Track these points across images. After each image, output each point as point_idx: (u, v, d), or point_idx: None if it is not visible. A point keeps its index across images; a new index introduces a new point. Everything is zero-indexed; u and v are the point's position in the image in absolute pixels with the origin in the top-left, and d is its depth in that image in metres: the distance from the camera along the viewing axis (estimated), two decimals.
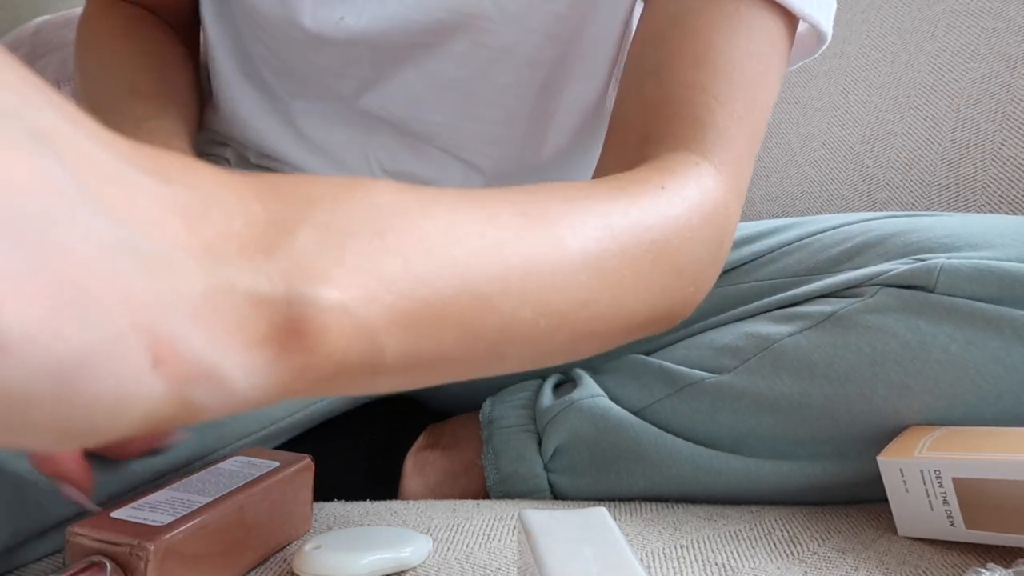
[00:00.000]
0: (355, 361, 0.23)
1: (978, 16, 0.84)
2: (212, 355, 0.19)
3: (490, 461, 0.55)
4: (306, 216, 0.23)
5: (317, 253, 0.22)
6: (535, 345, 0.30)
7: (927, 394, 0.46)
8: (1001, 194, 0.76)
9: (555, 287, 0.30)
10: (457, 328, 0.26)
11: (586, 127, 0.60)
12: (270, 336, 0.21)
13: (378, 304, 0.23)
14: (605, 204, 0.34)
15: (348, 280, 0.22)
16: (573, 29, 0.53)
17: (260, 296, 0.20)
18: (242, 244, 0.21)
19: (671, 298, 0.37)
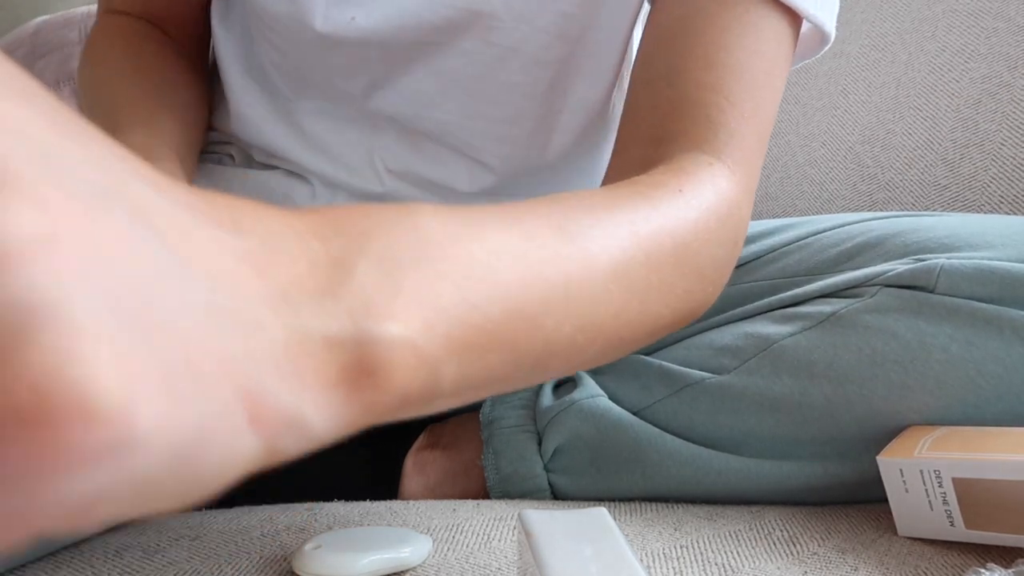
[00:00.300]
0: (417, 391, 0.23)
1: (978, 16, 0.84)
2: (295, 403, 0.19)
3: (490, 461, 0.55)
4: (363, 250, 0.23)
5: (378, 288, 0.22)
6: (573, 357, 0.31)
7: (927, 394, 0.46)
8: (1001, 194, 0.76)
9: (591, 301, 0.31)
10: (507, 350, 0.27)
11: (591, 127, 0.60)
12: (343, 377, 0.21)
13: (437, 334, 0.23)
14: (629, 212, 0.35)
15: (409, 313, 0.23)
16: (580, 29, 0.54)
17: (332, 338, 0.21)
18: (311, 287, 0.21)
19: (692, 299, 0.38)
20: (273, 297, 0.20)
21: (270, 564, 0.41)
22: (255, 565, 0.41)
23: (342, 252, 0.22)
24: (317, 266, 0.21)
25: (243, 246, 0.20)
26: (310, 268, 0.21)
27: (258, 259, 0.20)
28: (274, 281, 0.20)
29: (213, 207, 0.20)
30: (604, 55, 0.56)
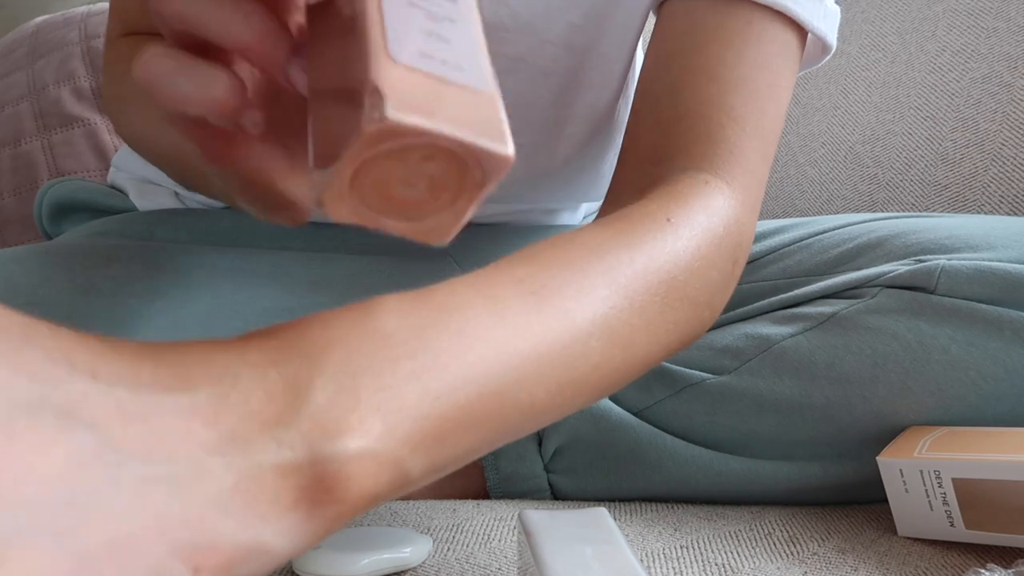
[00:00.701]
0: (385, 490, 0.25)
1: (978, 16, 0.84)
2: (250, 536, 0.21)
3: (490, 461, 0.55)
4: (320, 369, 0.24)
5: (333, 405, 0.24)
6: (555, 413, 0.32)
7: (927, 395, 0.46)
8: (1001, 194, 0.76)
9: (567, 362, 0.31)
10: (478, 429, 0.28)
11: (596, 136, 0.60)
12: (301, 499, 0.23)
13: (399, 435, 0.25)
14: (610, 258, 0.35)
15: (367, 423, 0.24)
16: (587, 40, 0.53)
17: (285, 466, 0.22)
18: (263, 420, 0.23)
19: (685, 328, 0.37)
20: (220, 442, 0.22)
21: None
22: None
23: (298, 375, 0.24)
24: (272, 396, 0.23)
25: (192, 401, 0.22)
26: (265, 399, 0.23)
27: (206, 410, 0.22)
28: (223, 426, 0.22)
29: (159, 370, 0.22)
30: (610, 65, 0.56)
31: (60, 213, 0.68)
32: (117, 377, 0.21)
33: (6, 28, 1.21)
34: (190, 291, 0.52)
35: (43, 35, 1.07)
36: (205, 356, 0.24)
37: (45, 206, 0.68)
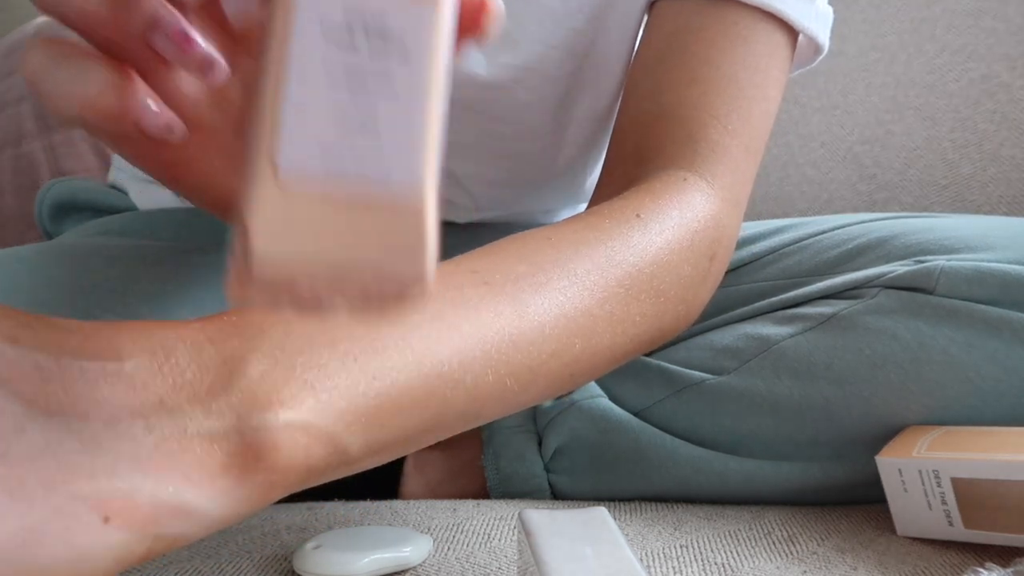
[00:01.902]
0: (321, 464, 0.26)
1: (978, 16, 0.84)
2: (171, 495, 0.23)
3: (490, 461, 0.55)
4: (256, 347, 0.25)
5: (266, 380, 0.25)
6: (510, 400, 0.32)
7: (927, 396, 0.46)
8: (1000, 194, 0.76)
9: (517, 347, 0.31)
10: (420, 410, 0.28)
11: (597, 137, 0.60)
12: (229, 464, 0.24)
13: (332, 411, 0.25)
14: (571, 251, 0.35)
15: (298, 397, 0.25)
16: (587, 44, 0.54)
17: (211, 433, 0.24)
18: (193, 391, 0.24)
19: (655, 323, 0.37)
20: (144, 408, 0.23)
21: (271, 563, 0.41)
22: (256, 564, 0.41)
23: (234, 351, 0.25)
24: (206, 370, 0.24)
25: (117, 368, 0.23)
26: (198, 373, 0.24)
27: (134, 378, 0.23)
28: (150, 393, 0.23)
29: (88, 342, 0.23)
30: (610, 67, 0.56)
31: (61, 213, 0.68)
32: (40, 343, 0.22)
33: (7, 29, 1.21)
34: (191, 291, 0.52)
35: (43, 36, 1.07)
36: (141, 332, 0.24)
37: (46, 206, 0.68)
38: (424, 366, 0.28)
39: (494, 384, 0.30)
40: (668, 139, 0.43)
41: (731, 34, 0.44)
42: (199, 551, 0.43)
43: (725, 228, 0.42)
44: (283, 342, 0.26)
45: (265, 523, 0.47)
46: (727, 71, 0.43)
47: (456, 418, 0.30)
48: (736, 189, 0.43)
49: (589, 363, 0.35)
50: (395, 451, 0.29)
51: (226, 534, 0.45)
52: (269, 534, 0.45)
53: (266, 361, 0.25)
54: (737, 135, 0.43)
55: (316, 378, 0.26)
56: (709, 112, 0.43)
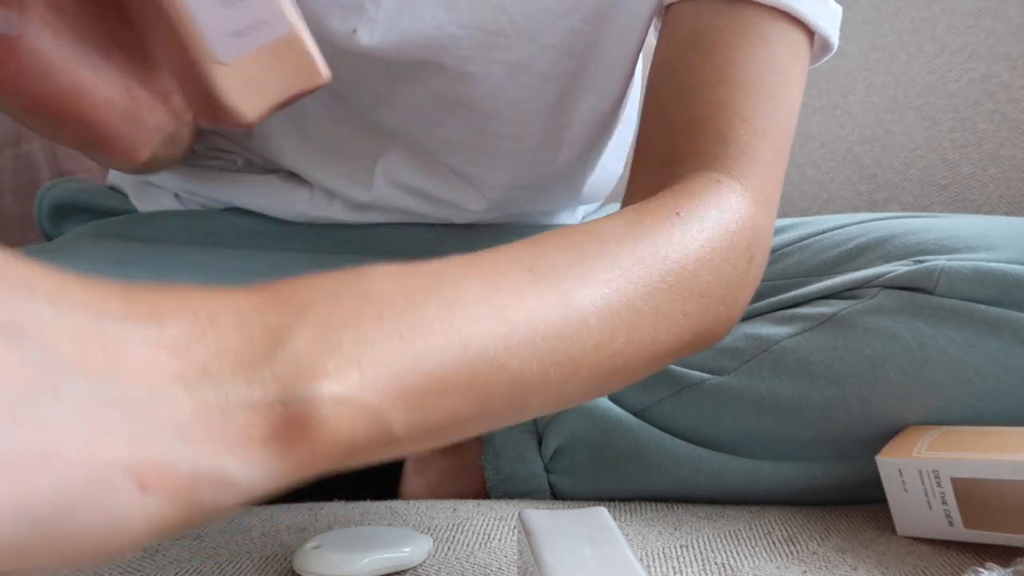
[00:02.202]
0: (364, 440, 0.25)
1: (978, 16, 0.84)
2: (211, 464, 0.22)
3: (490, 461, 0.55)
4: (302, 318, 0.25)
5: (311, 351, 0.24)
6: (553, 392, 0.31)
7: (927, 396, 0.46)
8: (1000, 194, 0.76)
9: (563, 337, 0.31)
10: (465, 393, 0.28)
11: (597, 138, 0.60)
12: (271, 436, 0.23)
13: (378, 386, 0.25)
14: (614, 245, 0.35)
15: (344, 370, 0.25)
16: (587, 44, 0.53)
17: (255, 403, 0.23)
18: (236, 359, 0.23)
19: (698, 322, 0.37)
20: (186, 374, 0.22)
21: (271, 563, 0.41)
22: (256, 564, 0.41)
23: (280, 322, 0.25)
24: (250, 339, 0.24)
25: (162, 335, 0.23)
26: (243, 342, 0.24)
27: (176, 344, 0.23)
28: (192, 360, 0.23)
29: (130, 305, 0.23)
30: (612, 70, 0.56)
31: (60, 214, 0.68)
32: (79, 305, 0.22)
33: None
34: None
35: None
36: (184, 297, 0.24)
37: (45, 207, 0.68)
38: (470, 348, 0.28)
39: (538, 373, 0.30)
40: (698, 141, 0.43)
41: (751, 34, 0.44)
42: (199, 551, 0.43)
43: (761, 229, 0.41)
44: (329, 314, 0.26)
45: (265, 523, 0.47)
46: (752, 72, 0.43)
47: (502, 407, 0.30)
48: (768, 190, 0.43)
49: (633, 359, 0.34)
50: (439, 436, 0.28)
51: (226, 534, 0.45)
52: (269, 534, 0.45)
53: (311, 332, 0.25)
54: (765, 136, 0.43)
55: (362, 353, 0.25)
56: (737, 113, 0.42)
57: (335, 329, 0.25)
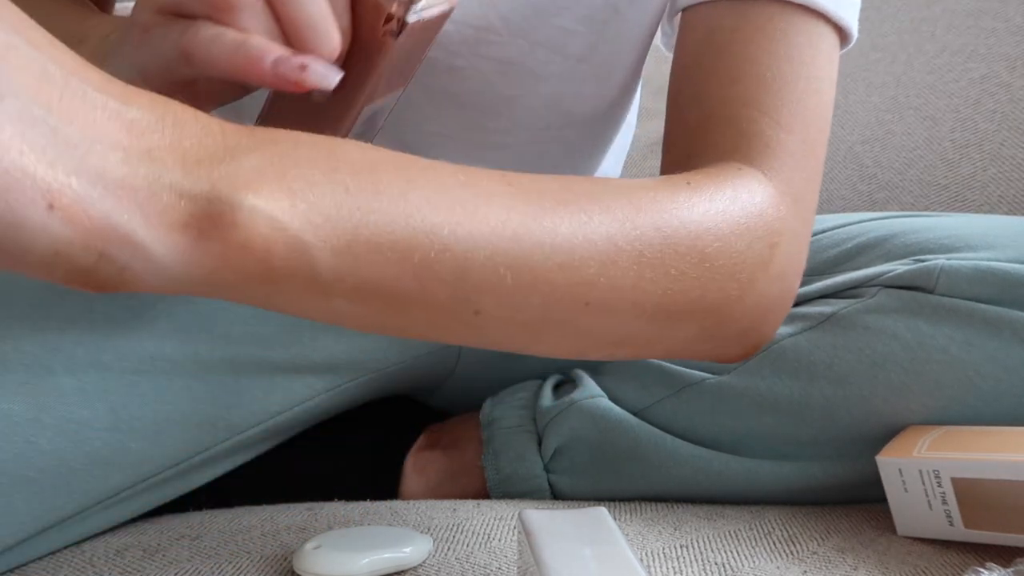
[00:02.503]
0: (282, 266, 0.27)
1: (978, 16, 0.84)
2: (126, 222, 0.25)
3: (490, 461, 0.55)
4: (261, 148, 0.27)
5: (255, 172, 0.27)
6: (506, 297, 0.32)
7: (927, 395, 0.46)
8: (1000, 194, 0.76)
9: (518, 239, 0.31)
10: (401, 260, 0.29)
11: (589, 139, 0.60)
12: (190, 224, 0.26)
13: (306, 220, 0.27)
14: (611, 189, 0.35)
15: (276, 194, 0.27)
16: (583, 47, 0.53)
17: (182, 191, 0.26)
18: (185, 156, 0.26)
19: (695, 286, 0.36)
20: (132, 149, 0.25)
21: (271, 563, 0.41)
22: (256, 564, 0.41)
23: (239, 143, 0.27)
24: (205, 147, 0.26)
25: (124, 113, 0.25)
26: (196, 145, 0.26)
27: (136, 124, 0.25)
28: (144, 142, 0.25)
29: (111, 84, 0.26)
30: (611, 74, 0.55)
31: None
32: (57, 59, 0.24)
33: None
34: None
35: None
36: (162, 100, 0.27)
37: None
38: (413, 219, 0.29)
39: (487, 269, 0.31)
40: (719, 137, 0.42)
41: (768, 29, 0.43)
42: (199, 551, 0.43)
43: (786, 220, 0.40)
44: (287, 153, 0.28)
45: (265, 523, 0.47)
46: (770, 66, 0.42)
47: (447, 294, 0.31)
48: (797, 184, 0.41)
49: (607, 297, 0.34)
50: (371, 300, 0.30)
51: (226, 534, 0.45)
52: (269, 534, 0.45)
53: (263, 159, 0.27)
54: (791, 130, 0.42)
55: (301, 188, 0.27)
56: (758, 109, 0.41)
57: (286, 164, 0.28)
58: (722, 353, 0.41)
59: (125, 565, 0.41)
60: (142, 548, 0.43)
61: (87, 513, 0.44)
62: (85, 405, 0.42)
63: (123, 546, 0.44)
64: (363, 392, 0.56)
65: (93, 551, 0.44)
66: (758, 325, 0.40)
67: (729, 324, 0.38)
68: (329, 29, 0.33)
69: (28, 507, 0.41)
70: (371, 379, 0.56)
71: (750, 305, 0.38)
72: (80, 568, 0.42)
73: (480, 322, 0.32)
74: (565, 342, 0.35)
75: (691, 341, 0.38)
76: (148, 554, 0.43)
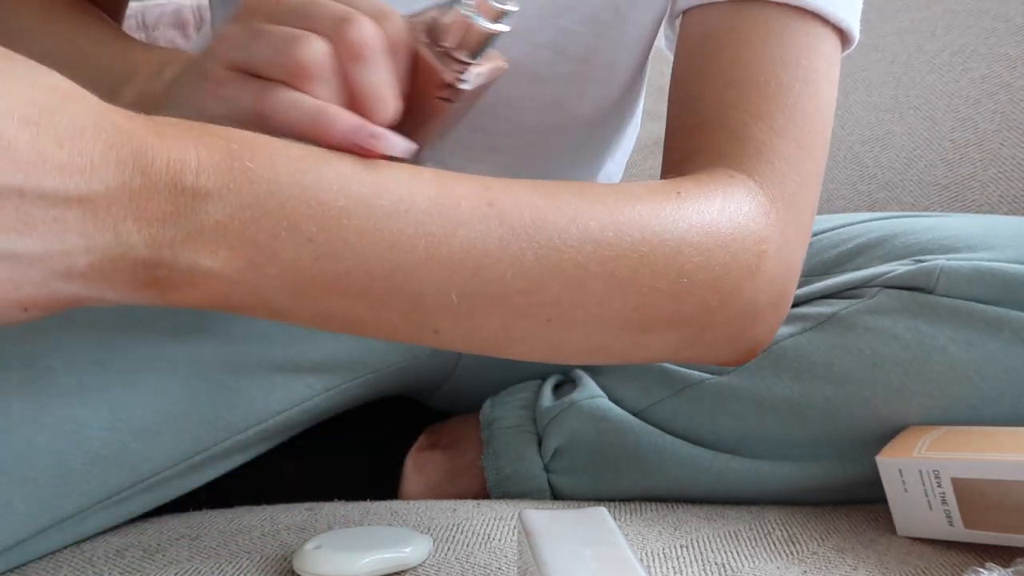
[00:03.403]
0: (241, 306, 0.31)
1: (978, 16, 0.84)
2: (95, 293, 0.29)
3: (490, 461, 0.55)
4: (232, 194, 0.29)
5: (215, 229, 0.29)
6: (467, 324, 0.33)
7: (927, 396, 0.46)
8: (1000, 194, 0.76)
9: (478, 272, 0.32)
10: (357, 298, 0.31)
11: (591, 141, 0.60)
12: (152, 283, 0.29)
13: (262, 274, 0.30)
14: (599, 201, 0.35)
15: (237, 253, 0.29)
16: (584, 48, 0.52)
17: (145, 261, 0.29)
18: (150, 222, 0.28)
19: (671, 302, 0.36)
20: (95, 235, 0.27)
21: (271, 563, 0.41)
22: (256, 564, 0.41)
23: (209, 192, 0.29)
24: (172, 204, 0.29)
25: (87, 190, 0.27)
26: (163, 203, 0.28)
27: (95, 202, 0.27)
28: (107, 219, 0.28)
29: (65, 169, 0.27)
30: (613, 76, 0.55)
31: None
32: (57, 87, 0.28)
33: None
34: None
35: None
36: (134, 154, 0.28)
37: None
38: (371, 264, 0.31)
39: (441, 298, 0.32)
40: (712, 141, 0.42)
41: (763, 32, 0.43)
42: (199, 551, 0.43)
43: (776, 226, 0.40)
44: (259, 199, 0.29)
45: (265, 523, 0.47)
46: (765, 70, 0.42)
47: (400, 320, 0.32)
48: (790, 188, 0.41)
49: (571, 315, 0.34)
50: (330, 323, 0.32)
51: (226, 534, 0.45)
52: (269, 534, 0.45)
53: (227, 211, 0.29)
54: (785, 134, 0.41)
55: (263, 241, 0.29)
56: (751, 112, 0.41)
57: (254, 215, 0.29)
58: (712, 358, 0.41)
59: (125, 565, 0.41)
60: (142, 548, 0.43)
61: (87, 513, 0.44)
62: (84, 404, 0.42)
63: (123, 546, 0.44)
64: (363, 392, 0.56)
65: (93, 551, 0.44)
66: (747, 330, 0.40)
67: (712, 332, 0.38)
68: (390, 97, 0.34)
69: (27, 507, 0.41)
70: (371, 379, 0.56)
71: (735, 312, 0.38)
72: (80, 568, 0.42)
73: (442, 338, 0.34)
74: (535, 353, 0.37)
75: (672, 349, 0.39)
76: (148, 554, 0.43)
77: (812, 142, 0.43)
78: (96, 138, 0.27)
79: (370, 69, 0.34)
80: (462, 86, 0.36)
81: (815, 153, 0.43)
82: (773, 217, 0.40)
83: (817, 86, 0.43)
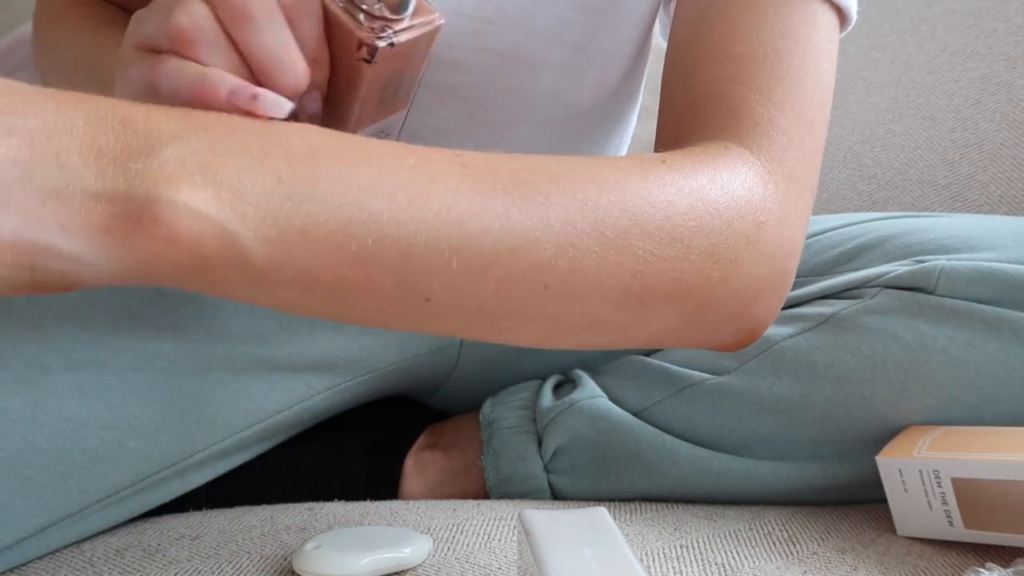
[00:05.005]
0: (214, 256, 0.28)
1: (978, 16, 0.84)
2: (43, 235, 0.26)
3: (490, 462, 0.55)
4: (189, 135, 0.28)
5: (176, 163, 0.27)
6: (456, 283, 0.32)
7: (927, 396, 0.46)
8: (1000, 194, 0.76)
9: (463, 223, 0.31)
10: (339, 248, 0.29)
11: (592, 130, 0.60)
12: (111, 225, 0.26)
13: (232, 209, 0.27)
14: (579, 167, 0.34)
15: (200, 186, 0.27)
16: (581, 35, 0.52)
17: (97, 193, 0.26)
18: (99, 154, 0.26)
19: (669, 268, 0.35)
20: (34, 162, 0.26)
21: (270, 563, 0.41)
22: (255, 564, 0.41)
23: (163, 133, 0.27)
24: (123, 141, 0.27)
25: (16, 125, 0.26)
26: (114, 140, 0.27)
27: (36, 133, 0.26)
28: (47, 149, 0.26)
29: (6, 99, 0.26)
30: (609, 62, 0.55)
31: None
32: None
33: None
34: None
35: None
36: (80, 98, 0.27)
37: None
38: (348, 207, 0.29)
39: (431, 254, 0.30)
40: (708, 117, 0.41)
41: (759, 6, 0.42)
42: (199, 551, 0.43)
43: (775, 198, 0.38)
44: (217, 141, 0.28)
45: (265, 523, 0.47)
46: (763, 43, 0.41)
47: (396, 286, 0.30)
48: (790, 162, 0.40)
49: (568, 280, 0.33)
50: (314, 289, 0.30)
51: (226, 534, 0.45)
52: (269, 534, 0.45)
53: (186, 149, 0.27)
54: (785, 107, 0.40)
55: (227, 177, 0.27)
56: (749, 86, 0.40)
57: (214, 153, 0.27)
58: (712, 340, 0.40)
59: (125, 565, 0.41)
60: (142, 548, 0.43)
61: (86, 512, 0.44)
62: (83, 403, 0.42)
63: (123, 546, 0.44)
64: (363, 391, 0.56)
65: (93, 551, 0.44)
66: (748, 309, 0.38)
67: (713, 308, 0.37)
68: (292, 60, 0.33)
69: (26, 506, 0.41)
70: (371, 378, 0.56)
71: (736, 288, 0.37)
72: (80, 568, 0.42)
73: (434, 309, 0.32)
74: (532, 327, 0.35)
75: (673, 328, 0.37)
76: (148, 554, 0.43)
77: (813, 117, 0.41)
78: (35, 90, 0.27)
79: (257, 30, 0.33)
80: (379, 43, 0.34)
81: (816, 128, 0.42)
82: (772, 189, 0.38)
83: (817, 61, 0.42)
